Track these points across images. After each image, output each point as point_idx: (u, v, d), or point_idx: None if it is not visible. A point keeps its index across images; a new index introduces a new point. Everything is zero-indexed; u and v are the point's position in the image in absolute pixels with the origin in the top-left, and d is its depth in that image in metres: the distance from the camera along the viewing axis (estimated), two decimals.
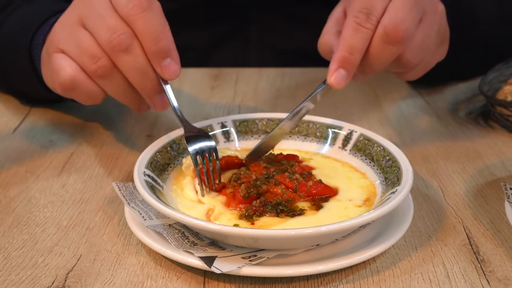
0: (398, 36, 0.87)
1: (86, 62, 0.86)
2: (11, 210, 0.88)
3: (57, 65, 0.88)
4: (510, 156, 0.88)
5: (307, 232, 0.71)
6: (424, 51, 0.94)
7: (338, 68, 0.87)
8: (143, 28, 0.83)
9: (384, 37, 0.87)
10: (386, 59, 0.90)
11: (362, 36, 0.87)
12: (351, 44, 0.87)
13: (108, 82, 0.88)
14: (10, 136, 1.10)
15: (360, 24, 0.87)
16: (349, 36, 0.87)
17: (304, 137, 0.98)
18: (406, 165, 0.84)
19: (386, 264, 0.77)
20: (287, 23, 1.44)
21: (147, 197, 0.77)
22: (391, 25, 0.86)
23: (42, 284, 0.73)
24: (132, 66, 0.85)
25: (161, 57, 0.84)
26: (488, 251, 0.80)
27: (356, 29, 0.87)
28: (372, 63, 0.90)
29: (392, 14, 0.87)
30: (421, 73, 1.00)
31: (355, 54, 0.87)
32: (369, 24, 0.87)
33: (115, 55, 0.85)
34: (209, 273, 0.75)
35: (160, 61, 0.84)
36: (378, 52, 0.88)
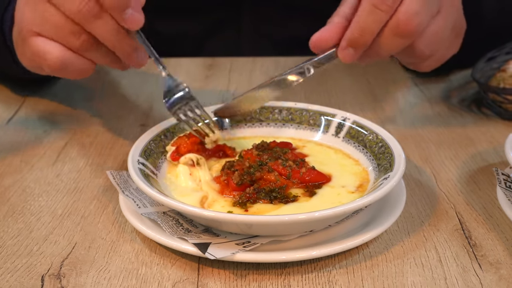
0: (409, 30, 0.87)
1: (68, 40, 0.86)
2: (6, 200, 0.88)
3: (41, 50, 0.87)
4: (502, 142, 0.88)
5: (300, 218, 0.72)
6: (439, 43, 0.94)
7: (348, 47, 0.89)
8: None
9: (394, 29, 0.87)
10: (394, 49, 0.90)
11: (375, 18, 0.87)
12: (364, 25, 0.87)
13: (94, 52, 0.87)
14: (4, 126, 1.10)
15: (376, 6, 0.86)
16: (362, 17, 0.87)
17: (297, 125, 0.98)
18: (399, 151, 0.84)
19: (379, 249, 0.78)
20: (281, 13, 1.44)
21: (141, 185, 0.78)
22: (404, 17, 0.86)
23: (38, 272, 0.74)
24: (105, 29, 0.84)
25: (121, 9, 0.82)
26: (480, 235, 0.80)
27: (371, 10, 0.86)
28: (379, 49, 0.90)
29: (408, 5, 0.87)
30: (435, 65, 1.00)
31: (365, 36, 0.87)
32: (385, 6, 0.86)
33: (88, 23, 0.84)
34: (204, 260, 0.76)
35: (122, 14, 0.83)
36: (387, 41, 0.89)
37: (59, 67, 0.87)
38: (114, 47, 0.87)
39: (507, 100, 1.08)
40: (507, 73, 1.11)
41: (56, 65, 0.87)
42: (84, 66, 0.88)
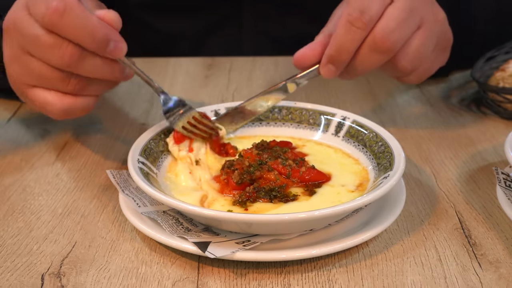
0: (385, 46, 0.89)
1: (60, 86, 0.86)
2: (6, 199, 0.88)
3: (41, 101, 0.88)
4: (502, 141, 0.88)
5: (300, 217, 0.72)
6: (421, 58, 0.95)
7: (328, 63, 0.92)
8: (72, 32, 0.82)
9: (371, 44, 0.89)
10: (371, 65, 0.92)
11: (352, 36, 0.89)
12: (340, 43, 0.89)
13: (90, 87, 0.88)
14: (5, 125, 1.10)
15: (352, 23, 0.88)
16: (339, 35, 0.89)
17: (297, 124, 0.98)
18: (399, 151, 0.84)
19: (379, 248, 0.78)
20: (282, 10, 1.44)
21: (142, 184, 0.78)
22: (380, 34, 0.88)
23: (38, 271, 0.74)
24: (92, 68, 0.85)
25: (104, 46, 0.83)
26: (480, 234, 0.80)
27: (348, 28, 0.88)
28: (359, 65, 0.92)
29: (384, 22, 0.88)
30: (422, 78, 1.02)
31: (343, 54, 0.90)
32: (361, 23, 0.88)
33: (74, 68, 0.85)
34: (203, 259, 0.76)
35: (105, 49, 0.83)
36: (364, 57, 0.91)
37: (63, 114, 0.89)
38: (105, 77, 0.87)
39: (507, 99, 1.08)
40: (506, 72, 1.11)
41: (60, 113, 0.88)
42: (86, 104, 0.89)
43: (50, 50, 0.83)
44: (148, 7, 1.48)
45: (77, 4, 0.82)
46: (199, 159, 0.90)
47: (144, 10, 1.48)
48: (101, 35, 0.82)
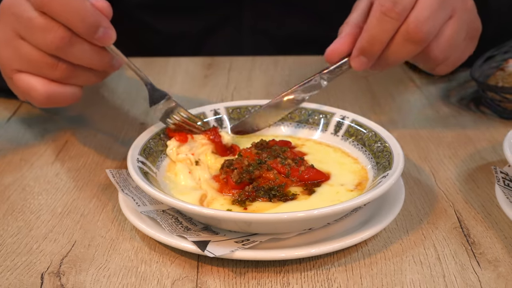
0: (419, 36, 0.88)
1: (48, 72, 0.86)
2: (5, 198, 0.89)
3: (25, 87, 0.88)
4: (501, 140, 0.88)
5: (299, 216, 0.72)
6: (453, 47, 0.94)
7: (359, 55, 0.90)
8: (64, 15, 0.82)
9: (405, 35, 0.88)
10: (404, 56, 0.91)
11: (385, 26, 0.87)
12: (373, 34, 0.88)
13: (77, 77, 0.88)
14: (4, 125, 1.11)
15: (385, 13, 0.87)
16: (372, 26, 0.88)
17: (296, 124, 0.98)
18: (397, 150, 0.84)
19: (378, 247, 0.78)
20: (281, 10, 1.45)
21: (141, 183, 0.78)
22: (414, 23, 0.87)
23: (37, 270, 0.74)
24: (81, 54, 0.85)
25: (94, 31, 0.83)
26: (479, 233, 0.81)
27: (380, 18, 0.87)
28: (391, 56, 0.91)
29: (418, 12, 0.87)
30: (451, 68, 1.00)
31: (376, 45, 0.89)
32: (395, 13, 0.87)
33: (63, 53, 0.85)
34: (203, 258, 0.76)
35: (94, 35, 0.83)
36: (397, 48, 0.89)
37: (46, 101, 0.88)
38: (93, 65, 0.87)
39: (506, 98, 1.08)
40: (505, 72, 1.11)
41: (43, 100, 0.88)
42: (71, 93, 0.89)
43: (41, 33, 0.83)
44: (148, 7, 1.48)
45: None
46: (199, 159, 0.90)
47: (144, 11, 1.48)
48: (91, 19, 0.82)
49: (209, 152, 0.92)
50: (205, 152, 0.92)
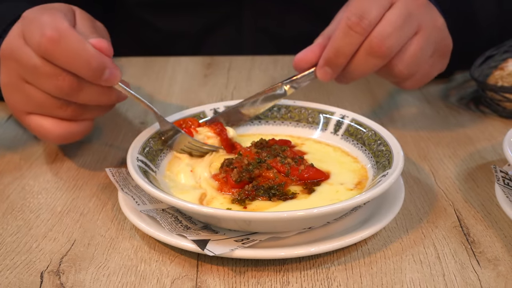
0: (381, 51, 0.90)
1: (58, 113, 0.87)
2: (5, 197, 0.89)
3: (38, 129, 0.89)
4: (500, 140, 0.89)
5: (299, 214, 0.72)
6: (418, 63, 0.96)
7: (324, 66, 0.93)
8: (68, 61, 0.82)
9: (368, 49, 0.90)
10: (367, 70, 0.93)
11: (350, 40, 0.90)
12: (338, 46, 0.90)
13: (85, 113, 0.89)
14: (3, 124, 1.11)
15: (351, 27, 0.89)
16: (337, 38, 0.90)
17: (296, 123, 0.98)
18: (397, 149, 0.84)
19: (378, 246, 0.78)
20: (281, 8, 1.45)
21: (141, 182, 0.78)
22: (377, 38, 0.89)
23: (37, 269, 0.74)
24: (89, 96, 0.86)
25: (99, 75, 0.83)
26: (478, 232, 0.81)
27: (346, 32, 0.89)
28: (353, 70, 0.93)
29: (381, 27, 0.90)
30: (419, 84, 1.02)
31: (340, 57, 0.91)
32: (360, 28, 0.89)
33: (70, 96, 0.85)
34: (203, 256, 0.76)
35: (101, 78, 0.83)
36: (361, 61, 0.92)
37: (61, 140, 0.90)
38: (101, 103, 0.89)
39: (505, 98, 1.08)
40: (505, 71, 1.11)
41: (58, 140, 0.90)
42: (83, 128, 0.90)
43: (48, 80, 0.84)
44: (147, 6, 1.48)
45: (71, 31, 0.82)
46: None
47: (144, 9, 1.48)
48: (96, 64, 0.82)
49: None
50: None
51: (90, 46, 0.82)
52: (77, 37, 0.81)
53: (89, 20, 0.92)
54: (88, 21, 0.91)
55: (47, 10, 0.85)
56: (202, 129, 0.93)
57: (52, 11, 0.85)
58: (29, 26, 0.84)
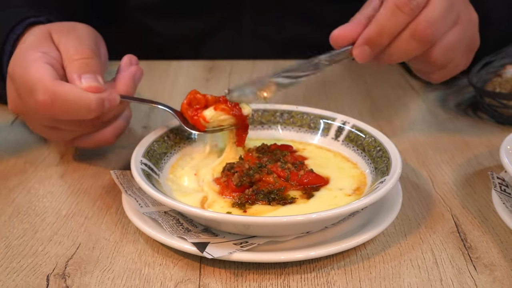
0: (426, 35, 0.88)
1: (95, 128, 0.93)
2: (11, 200, 0.90)
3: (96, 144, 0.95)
4: (498, 146, 0.90)
5: (298, 219, 0.73)
6: (454, 53, 0.95)
7: (364, 44, 0.89)
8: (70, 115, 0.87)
9: (413, 32, 0.88)
10: (409, 53, 0.91)
11: (397, 19, 0.87)
12: (383, 25, 0.88)
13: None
14: (8, 128, 1.12)
15: (399, 7, 0.87)
16: (383, 17, 0.88)
17: (298, 128, 1.00)
18: (396, 155, 0.86)
19: (376, 250, 0.79)
20: (280, 13, 1.46)
21: (143, 185, 0.79)
22: (424, 22, 0.88)
23: (43, 272, 0.75)
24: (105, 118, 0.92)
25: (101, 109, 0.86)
26: (475, 238, 0.82)
27: (393, 11, 0.87)
28: (394, 52, 0.90)
29: (429, 11, 0.88)
30: (446, 77, 1.01)
31: (383, 37, 0.88)
32: (408, 8, 0.87)
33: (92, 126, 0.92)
34: (205, 260, 0.77)
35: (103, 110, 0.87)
36: (402, 44, 0.89)
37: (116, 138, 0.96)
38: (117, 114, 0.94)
39: (503, 104, 1.10)
40: (503, 78, 1.12)
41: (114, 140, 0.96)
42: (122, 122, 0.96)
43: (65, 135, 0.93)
44: (148, 10, 1.49)
45: (60, 88, 0.85)
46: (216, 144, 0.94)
47: (144, 13, 1.49)
48: (95, 104, 0.85)
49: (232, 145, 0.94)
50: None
51: (81, 92, 0.85)
52: (66, 90, 0.85)
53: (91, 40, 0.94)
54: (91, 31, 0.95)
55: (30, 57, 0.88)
56: (214, 114, 0.91)
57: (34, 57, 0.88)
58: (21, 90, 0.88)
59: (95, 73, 0.88)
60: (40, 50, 0.89)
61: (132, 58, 0.94)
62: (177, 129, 0.95)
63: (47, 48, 0.90)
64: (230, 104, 0.91)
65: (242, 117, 0.92)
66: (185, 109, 0.92)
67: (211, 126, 0.92)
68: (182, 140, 0.95)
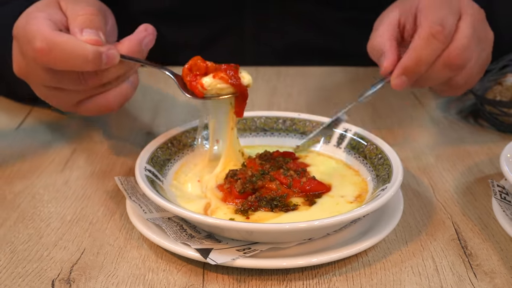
0: (458, 63, 0.90)
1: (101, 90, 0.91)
2: (16, 206, 0.91)
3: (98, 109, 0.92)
4: (498, 153, 0.90)
5: (300, 226, 0.74)
6: (472, 74, 0.97)
7: (402, 74, 0.91)
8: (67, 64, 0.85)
9: (446, 60, 0.90)
10: (440, 80, 0.93)
11: (433, 48, 0.89)
12: (420, 55, 0.89)
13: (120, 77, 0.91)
14: (13, 133, 1.13)
15: (434, 36, 0.88)
16: (421, 46, 0.89)
17: (300, 135, 1.01)
18: (397, 163, 0.86)
19: (378, 257, 0.80)
20: (282, 19, 1.46)
21: (147, 191, 0.80)
22: (456, 51, 0.90)
23: (48, 277, 0.76)
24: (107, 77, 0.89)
25: (98, 62, 0.85)
26: (476, 245, 0.83)
27: (429, 40, 0.89)
28: (427, 79, 0.93)
29: (459, 40, 0.90)
30: (460, 93, 1.02)
31: (421, 66, 0.90)
32: (443, 36, 0.89)
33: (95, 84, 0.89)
34: (208, 266, 0.78)
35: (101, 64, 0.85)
36: (435, 71, 0.91)
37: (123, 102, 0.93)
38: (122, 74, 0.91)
39: (503, 112, 1.10)
40: (503, 86, 1.13)
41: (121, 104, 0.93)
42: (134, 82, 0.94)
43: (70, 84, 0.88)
44: (152, 15, 1.49)
45: (56, 36, 0.84)
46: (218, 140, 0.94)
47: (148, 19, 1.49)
48: (92, 55, 0.84)
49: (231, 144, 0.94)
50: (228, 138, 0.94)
51: (80, 42, 0.84)
52: (64, 40, 0.84)
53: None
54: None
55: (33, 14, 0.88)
56: (212, 82, 0.90)
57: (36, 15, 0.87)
58: (21, 42, 0.87)
59: (97, 29, 0.87)
60: (45, 11, 0.89)
61: (148, 27, 0.94)
62: (181, 136, 0.96)
63: (53, 11, 0.90)
64: (229, 72, 0.90)
65: (241, 86, 0.90)
66: (186, 74, 0.91)
67: (209, 93, 0.90)
68: (186, 147, 0.96)
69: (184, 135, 0.96)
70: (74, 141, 1.10)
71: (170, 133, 0.95)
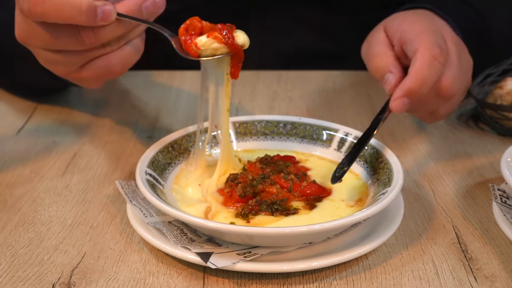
0: (449, 93, 0.91)
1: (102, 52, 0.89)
2: (17, 209, 0.91)
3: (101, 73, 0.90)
4: (499, 157, 0.91)
5: (300, 230, 0.74)
6: (455, 104, 0.99)
7: (403, 97, 0.90)
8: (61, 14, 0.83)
9: (437, 90, 0.91)
10: (429, 108, 0.95)
11: (435, 70, 0.89)
12: (424, 77, 0.89)
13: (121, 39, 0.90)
14: (14, 137, 1.13)
15: (435, 58, 0.89)
16: (423, 69, 0.89)
17: (301, 139, 1.01)
18: (397, 167, 0.86)
19: (378, 261, 0.80)
20: (285, 24, 1.47)
21: (148, 195, 0.81)
22: (448, 81, 0.91)
23: (49, 281, 0.76)
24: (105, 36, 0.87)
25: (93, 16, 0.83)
26: (476, 249, 0.83)
27: (431, 62, 0.89)
28: (418, 107, 0.94)
29: (450, 70, 0.91)
30: (440, 119, 1.04)
31: (424, 88, 0.90)
32: (443, 58, 0.90)
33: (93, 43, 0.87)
34: (209, 269, 0.78)
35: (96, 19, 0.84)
36: (428, 101, 0.93)
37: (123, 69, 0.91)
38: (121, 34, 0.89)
39: (504, 116, 1.11)
40: (504, 90, 1.13)
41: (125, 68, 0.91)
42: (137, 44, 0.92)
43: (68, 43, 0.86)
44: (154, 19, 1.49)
45: None
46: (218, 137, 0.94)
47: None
48: (86, 6, 0.83)
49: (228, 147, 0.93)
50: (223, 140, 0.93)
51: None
52: None
53: None
54: None
55: None
56: (206, 41, 0.89)
57: None
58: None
59: None
60: None
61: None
62: (181, 140, 0.96)
63: None
64: (223, 32, 0.89)
65: (236, 46, 0.89)
66: (181, 34, 0.90)
67: (204, 54, 0.89)
68: (187, 151, 0.96)
69: (185, 139, 0.96)
70: (75, 145, 1.10)
71: (171, 137, 0.96)
